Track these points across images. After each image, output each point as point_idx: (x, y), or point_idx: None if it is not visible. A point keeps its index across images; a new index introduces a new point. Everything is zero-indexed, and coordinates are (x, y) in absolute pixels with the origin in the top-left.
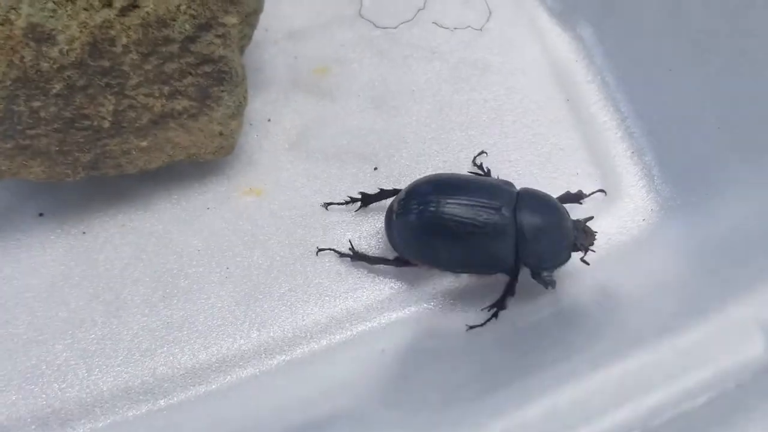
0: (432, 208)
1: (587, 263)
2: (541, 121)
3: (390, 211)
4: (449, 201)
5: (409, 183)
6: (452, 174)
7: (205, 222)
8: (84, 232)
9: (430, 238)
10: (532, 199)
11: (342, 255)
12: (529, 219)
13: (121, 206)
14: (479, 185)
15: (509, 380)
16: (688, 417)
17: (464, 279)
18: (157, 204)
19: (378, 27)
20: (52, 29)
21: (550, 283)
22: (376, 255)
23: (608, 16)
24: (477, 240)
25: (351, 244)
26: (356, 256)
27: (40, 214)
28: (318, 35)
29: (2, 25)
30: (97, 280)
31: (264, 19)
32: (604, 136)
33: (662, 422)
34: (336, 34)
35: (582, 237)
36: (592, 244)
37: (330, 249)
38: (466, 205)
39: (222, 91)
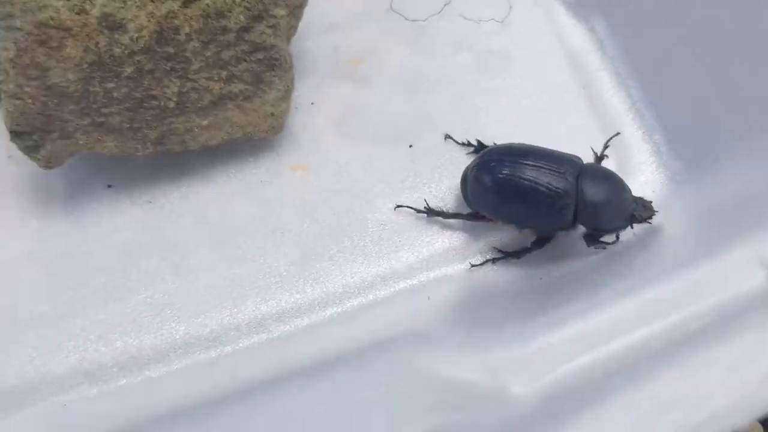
0: (504, 168)
1: (632, 227)
2: (559, 106)
3: (466, 168)
4: (519, 162)
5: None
6: (525, 144)
7: (259, 193)
8: (150, 202)
9: (500, 194)
10: (595, 170)
11: (418, 211)
12: (589, 186)
13: (183, 179)
14: (548, 154)
15: (544, 311)
16: (700, 332)
17: (501, 240)
18: (216, 177)
19: (408, 20)
20: (123, 18)
21: (599, 247)
22: (451, 211)
23: (620, 9)
24: (540, 198)
25: (426, 202)
26: (431, 212)
27: (109, 186)
28: (354, 28)
29: (79, 14)
30: (164, 245)
31: (306, 13)
32: (618, 119)
33: (675, 337)
34: (370, 26)
35: (641, 210)
36: (651, 217)
37: (407, 206)
38: (533, 167)
39: (273, 76)
